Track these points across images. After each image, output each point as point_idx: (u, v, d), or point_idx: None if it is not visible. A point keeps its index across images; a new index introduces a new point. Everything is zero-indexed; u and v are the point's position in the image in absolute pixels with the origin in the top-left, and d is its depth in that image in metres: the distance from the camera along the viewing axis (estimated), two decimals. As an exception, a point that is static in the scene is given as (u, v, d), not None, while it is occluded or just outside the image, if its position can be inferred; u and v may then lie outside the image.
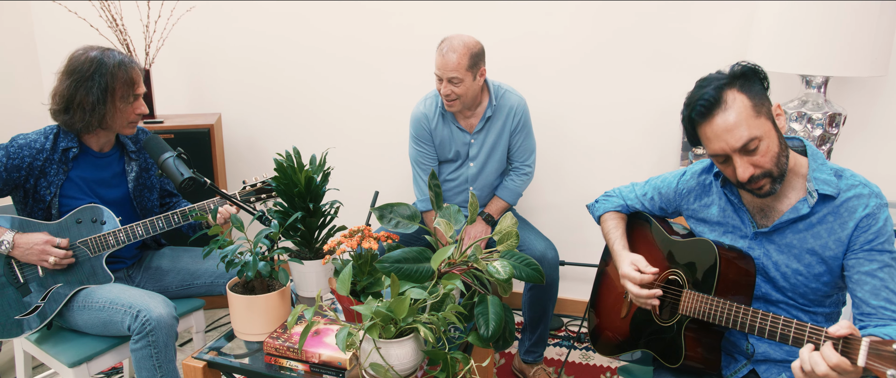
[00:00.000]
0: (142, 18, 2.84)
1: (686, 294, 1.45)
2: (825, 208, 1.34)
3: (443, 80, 2.16)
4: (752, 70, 1.32)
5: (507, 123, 2.32)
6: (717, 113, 1.29)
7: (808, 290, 1.39)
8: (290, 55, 2.99)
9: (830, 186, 1.32)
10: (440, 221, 1.60)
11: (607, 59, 2.61)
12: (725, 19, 2.41)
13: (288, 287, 1.65)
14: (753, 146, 1.28)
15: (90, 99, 1.75)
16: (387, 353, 1.33)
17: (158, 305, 1.70)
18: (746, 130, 1.27)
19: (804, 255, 1.37)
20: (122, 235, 1.84)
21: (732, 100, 1.28)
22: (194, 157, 2.74)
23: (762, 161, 1.29)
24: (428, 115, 2.33)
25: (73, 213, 1.82)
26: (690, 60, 2.50)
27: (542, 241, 2.24)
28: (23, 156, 1.77)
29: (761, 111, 1.29)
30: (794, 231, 1.38)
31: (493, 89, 2.30)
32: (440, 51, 2.15)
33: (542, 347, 2.35)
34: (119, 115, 1.82)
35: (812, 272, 1.37)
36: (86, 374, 1.74)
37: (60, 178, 1.82)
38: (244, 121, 3.15)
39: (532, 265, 1.58)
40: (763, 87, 1.33)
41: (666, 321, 1.50)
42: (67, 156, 1.83)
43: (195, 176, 1.70)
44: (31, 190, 1.81)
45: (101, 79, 1.76)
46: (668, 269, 1.55)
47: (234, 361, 1.53)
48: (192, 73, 3.12)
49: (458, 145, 2.34)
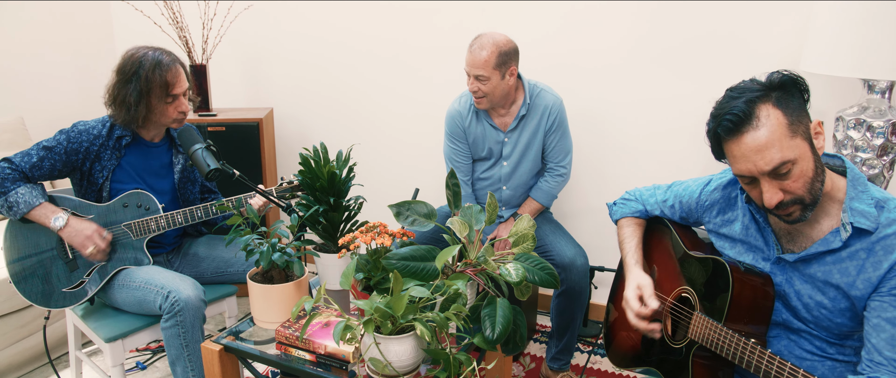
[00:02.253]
0: (201, 16, 2.98)
1: (696, 318, 1.35)
2: (859, 243, 1.18)
3: (470, 76, 2.17)
4: (793, 81, 1.16)
5: (541, 123, 2.28)
6: (746, 130, 1.14)
7: (831, 325, 1.26)
8: (339, 54, 3.06)
9: (868, 220, 1.17)
10: (454, 221, 1.59)
11: (655, 56, 2.51)
12: (781, 18, 2.27)
13: (305, 278, 1.69)
14: (785, 170, 1.13)
15: (130, 100, 1.87)
16: (386, 348, 1.34)
17: (188, 288, 1.79)
18: (779, 153, 1.12)
19: (828, 289, 1.23)
20: (162, 221, 1.95)
21: (766, 116, 1.13)
22: (243, 150, 2.85)
23: (794, 187, 1.15)
24: (462, 113, 2.33)
25: (121, 197, 1.94)
26: (743, 60, 2.36)
27: (573, 248, 2.18)
28: (81, 140, 1.90)
29: (798, 130, 1.13)
30: (820, 263, 1.23)
31: (528, 88, 2.27)
32: (470, 47, 2.16)
33: (568, 355, 2.29)
34: (158, 114, 1.92)
35: (837, 307, 1.23)
36: (121, 349, 1.85)
37: (113, 163, 1.94)
38: (295, 116, 3.25)
39: (547, 269, 1.54)
40: (803, 100, 1.17)
41: (676, 342, 1.43)
42: (120, 143, 1.95)
43: (223, 167, 1.77)
44: (87, 173, 1.94)
45: (137, 81, 1.86)
46: (681, 287, 1.46)
47: (249, 347, 1.58)
48: (248, 68, 3.25)
49: (491, 143, 2.33)
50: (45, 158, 1.86)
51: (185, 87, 1.94)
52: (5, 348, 2.28)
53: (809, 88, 1.19)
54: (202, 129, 2.79)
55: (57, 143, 1.88)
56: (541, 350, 2.60)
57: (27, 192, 1.83)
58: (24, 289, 1.88)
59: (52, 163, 1.87)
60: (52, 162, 1.87)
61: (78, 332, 2.12)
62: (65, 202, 1.92)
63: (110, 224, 1.93)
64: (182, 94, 1.93)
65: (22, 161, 1.84)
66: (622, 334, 1.66)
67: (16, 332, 2.31)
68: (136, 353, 2.55)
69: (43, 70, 3.14)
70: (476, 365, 1.40)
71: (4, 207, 1.83)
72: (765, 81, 1.18)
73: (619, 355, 1.65)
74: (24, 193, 1.82)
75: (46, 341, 2.08)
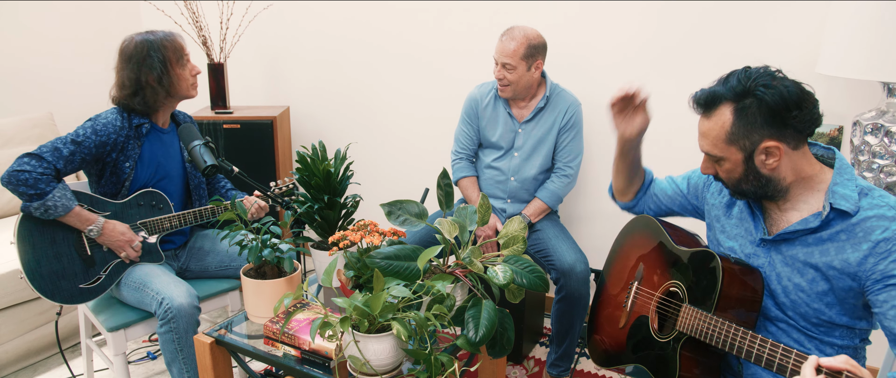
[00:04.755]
0: (219, 16, 3.05)
1: (685, 309, 1.35)
2: (840, 225, 1.22)
3: (498, 64, 2.25)
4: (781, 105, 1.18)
5: (557, 119, 2.32)
6: (702, 113, 1.31)
7: (808, 311, 1.28)
8: (356, 53, 3.08)
9: (848, 202, 1.20)
10: (442, 222, 1.59)
11: (667, 60, 2.46)
12: (800, 18, 2.19)
13: (297, 274, 1.71)
14: (715, 159, 1.31)
15: (155, 74, 1.91)
16: (364, 347, 1.34)
17: (181, 295, 1.83)
18: (709, 145, 1.29)
19: (807, 270, 1.27)
20: (175, 220, 2.01)
21: (718, 115, 1.26)
22: (257, 147, 2.90)
23: (721, 173, 1.32)
24: (481, 95, 2.42)
25: (136, 196, 1.99)
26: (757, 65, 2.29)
27: (574, 254, 2.16)
28: (108, 132, 1.89)
29: (736, 142, 1.24)
30: (802, 243, 1.27)
31: (549, 86, 2.33)
32: (502, 36, 2.24)
33: (568, 361, 2.26)
34: (180, 79, 1.97)
35: (814, 290, 1.26)
36: (122, 339, 1.91)
37: (136, 152, 1.96)
38: (312, 114, 3.29)
39: (536, 272, 1.53)
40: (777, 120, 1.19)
41: (663, 336, 1.40)
42: (141, 131, 1.97)
43: (221, 164, 1.80)
44: (112, 163, 1.93)
45: (156, 53, 1.92)
46: (669, 281, 1.45)
47: (238, 340, 1.61)
48: (266, 67, 3.30)
49: (505, 129, 2.37)
50: (76, 152, 1.82)
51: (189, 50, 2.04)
52: (20, 336, 2.37)
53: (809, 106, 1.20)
54: (218, 126, 2.85)
55: (85, 137, 1.84)
56: (545, 354, 2.57)
57: (62, 194, 1.79)
58: (39, 284, 1.83)
59: (83, 156, 1.85)
60: (83, 156, 1.84)
61: (88, 322, 2.19)
62: (82, 198, 1.91)
63: (125, 222, 1.96)
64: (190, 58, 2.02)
65: (53, 157, 1.77)
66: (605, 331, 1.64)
67: (33, 320, 2.40)
68: (148, 343, 2.62)
69: (72, 67, 3.26)
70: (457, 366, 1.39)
71: (41, 209, 1.76)
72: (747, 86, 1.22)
73: (600, 353, 1.64)
74: (60, 196, 1.78)
75: (58, 332, 2.15)
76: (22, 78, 3.07)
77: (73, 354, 2.54)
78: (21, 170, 1.72)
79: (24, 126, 2.90)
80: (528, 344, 2.55)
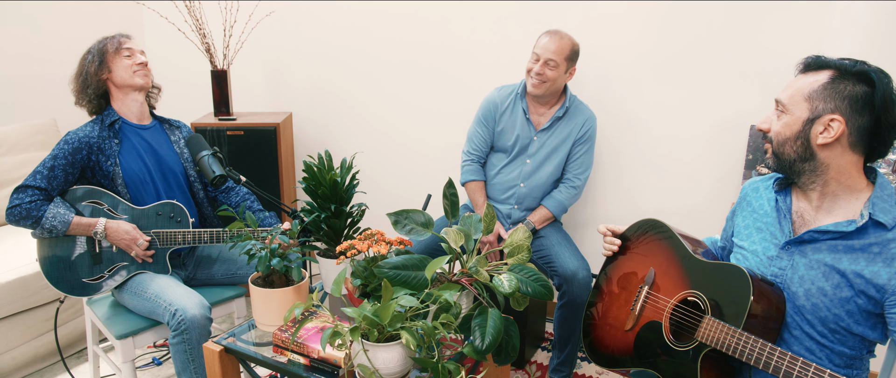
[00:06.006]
0: (223, 22, 3.07)
1: (707, 321, 1.36)
2: (874, 236, 1.24)
3: (540, 59, 2.24)
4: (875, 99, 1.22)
5: (574, 131, 2.35)
6: (800, 72, 1.33)
7: (828, 315, 1.29)
8: (358, 60, 3.11)
9: (888, 216, 1.22)
10: (448, 231, 1.61)
11: (670, 66, 2.49)
12: (797, 30, 2.22)
13: (304, 283, 1.73)
14: (782, 110, 1.32)
15: (93, 68, 1.98)
16: (374, 356, 1.36)
17: (194, 306, 1.85)
18: (786, 96, 1.31)
19: (832, 274, 1.28)
20: (189, 236, 2.02)
21: (816, 74, 1.28)
22: (261, 153, 2.92)
23: (776, 126, 1.33)
24: (502, 98, 2.42)
25: (156, 205, 2.01)
26: (760, 70, 2.32)
27: (576, 261, 2.18)
28: (79, 137, 1.95)
29: (812, 102, 1.26)
30: (831, 249, 1.29)
31: (569, 96, 2.36)
32: (549, 33, 2.25)
33: (570, 367, 2.29)
34: (119, 68, 2.01)
35: (837, 295, 1.27)
36: (131, 346, 1.93)
37: (114, 148, 1.99)
38: (315, 120, 3.31)
39: (541, 281, 1.55)
40: (857, 106, 1.22)
41: (680, 345, 1.43)
42: (114, 128, 2.01)
43: (229, 173, 1.83)
44: (94, 165, 1.97)
45: (93, 49, 2.02)
46: (687, 291, 1.47)
47: (248, 349, 1.63)
48: (269, 73, 3.32)
49: (521, 133, 2.38)
50: (55, 167, 1.90)
51: (139, 47, 2.06)
52: (25, 343, 2.39)
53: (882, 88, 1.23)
54: (222, 133, 2.87)
55: (58, 148, 1.92)
56: (547, 358, 2.60)
57: (54, 213, 1.88)
58: (47, 269, 1.95)
59: (63, 167, 1.91)
60: (62, 168, 1.91)
61: (95, 328, 2.20)
62: (103, 197, 1.97)
63: (141, 228, 1.99)
64: (138, 52, 2.04)
65: (36, 181, 1.87)
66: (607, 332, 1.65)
67: (37, 327, 2.41)
68: (153, 348, 2.64)
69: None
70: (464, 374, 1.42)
71: (45, 232, 1.89)
72: (860, 69, 1.25)
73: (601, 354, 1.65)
74: (52, 216, 1.87)
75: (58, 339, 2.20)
76: (24, 84, 3.09)
77: (78, 361, 2.56)
78: (13, 206, 1.86)
79: (28, 132, 2.91)
80: (530, 348, 2.58)
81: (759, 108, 2.35)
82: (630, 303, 1.60)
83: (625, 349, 1.57)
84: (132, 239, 1.95)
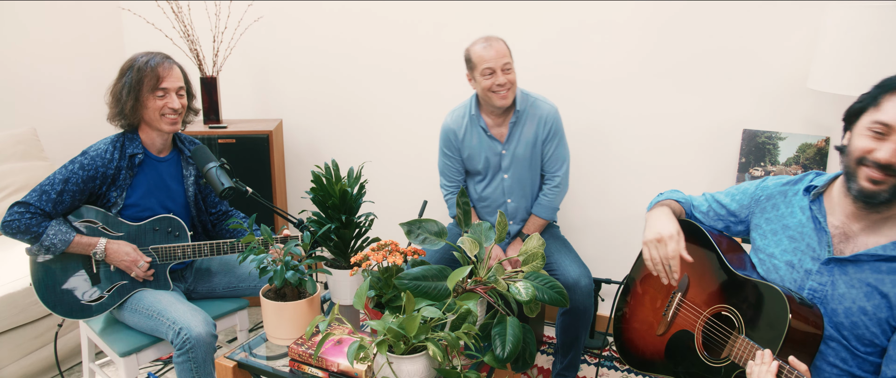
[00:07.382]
0: (211, 29, 3.02)
1: (740, 341, 1.36)
2: None
3: (496, 70, 2.15)
4: None
5: (538, 133, 2.28)
6: None
7: (866, 333, 1.31)
8: (347, 67, 3.08)
9: None
10: (465, 240, 1.62)
11: (662, 71, 2.53)
12: (791, 34, 2.29)
13: (317, 295, 1.71)
14: None
15: (125, 92, 1.89)
16: (398, 368, 1.36)
17: (199, 324, 1.81)
18: None
19: (874, 296, 1.29)
20: (189, 250, 1.98)
21: None
22: (253, 162, 2.88)
23: None
24: (455, 128, 2.35)
25: (153, 220, 1.96)
26: (751, 77, 2.38)
27: (578, 268, 2.19)
28: (96, 166, 1.88)
29: None
30: (874, 269, 1.30)
31: (520, 97, 2.27)
32: (487, 43, 2.17)
33: (573, 372, 2.31)
34: (148, 108, 1.90)
35: (877, 315, 1.28)
36: (134, 363, 1.88)
37: (127, 180, 1.94)
38: (305, 127, 3.28)
39: (556, 288, 1.57)
40: None
41: (713, 360, 1.44)
42: (133, 162, 1.95)
43: (236, 185, 1.80)
44: (102, 195, 1.93)
45: (130, 73, 1.89)
46: (721, 304, 1.47)
47: (263, 363, 1.61)
48: (258, 80, 3.28)
49: (488, 154, 2.32)
50: (64, 192, 1.84)
51: (177, 84, 1.94)
52: (19, 359, 2.31)
53: None
54: (213, 141, 2.82)
55: (72, 172, 1.86)
56: (548, 362, 2.62)
57: (56, 230, 1.83)
58: (43, 294, 1.88)
59: (72, 195, 1.86)
60: (72, 194, 1.85)
61: (91, 345, 2.14)
62: (97, 215, 1.91)
63: (138, 245, 1.94)
64: (175, 92, 1.93)
65: (40, 202, 1.82)
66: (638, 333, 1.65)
67: (30, 343, 2.34)
68: (149, 363, 2.58)
69: (55, 82, 3.18)
70: (486, 384, 1.42)
71: (42, 251, 1.83)
72: None
73: (633, 357, 1.66)
74: (54, 233, 1.82)
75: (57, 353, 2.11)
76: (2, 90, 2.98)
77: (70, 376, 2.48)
78: (11, 219, 1.81)
79: (7, 143, 2.82)
80: (529, 353, 2.60)
81: (752, 111, 2.40)
82: (661, 305, 1.61)
83: (656, 353, 1.58)
84: (133, 261, 1.91)
